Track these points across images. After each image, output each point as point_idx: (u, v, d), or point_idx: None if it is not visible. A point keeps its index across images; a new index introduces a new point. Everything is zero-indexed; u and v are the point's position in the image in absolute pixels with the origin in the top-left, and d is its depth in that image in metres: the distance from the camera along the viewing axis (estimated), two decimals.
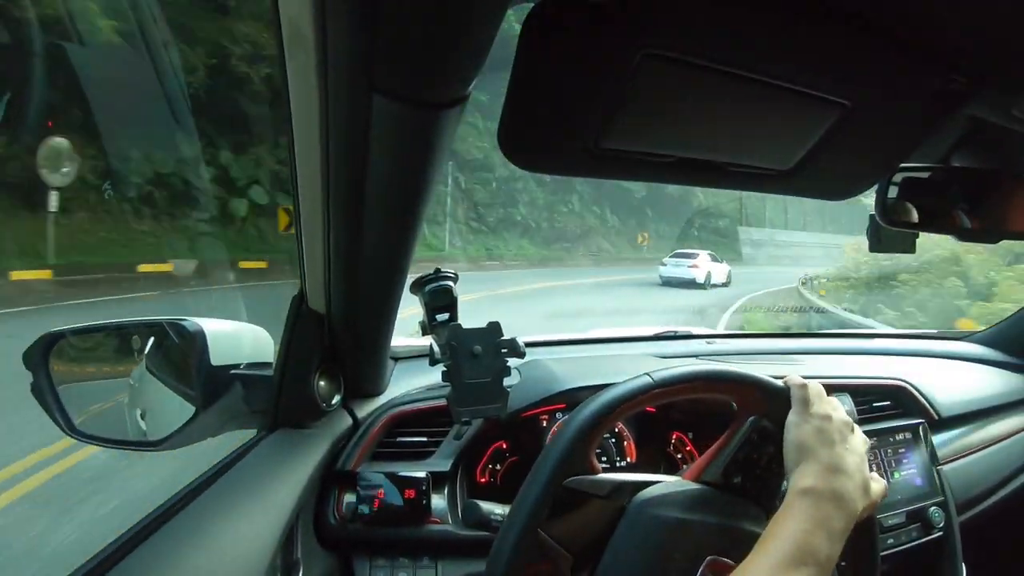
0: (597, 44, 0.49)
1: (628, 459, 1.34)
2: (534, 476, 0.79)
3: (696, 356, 1.64)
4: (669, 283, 17.04)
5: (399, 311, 1.07)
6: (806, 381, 0.85)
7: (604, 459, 1.33)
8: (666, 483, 0.86)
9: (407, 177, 0.76)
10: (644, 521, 0.81)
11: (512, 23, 0.53)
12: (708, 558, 0.77)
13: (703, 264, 17.65)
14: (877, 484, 0.82)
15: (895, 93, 0.60)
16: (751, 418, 0.86)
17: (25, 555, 2.87)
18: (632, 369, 0.87)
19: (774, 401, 0.84)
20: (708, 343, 1.81)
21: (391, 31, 0.53)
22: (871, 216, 1.07)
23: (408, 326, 1.23)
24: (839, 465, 0.77)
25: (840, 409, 0.84)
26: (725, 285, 17.42)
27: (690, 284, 16.74)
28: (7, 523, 3.19)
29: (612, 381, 0.84)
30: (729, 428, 0.88)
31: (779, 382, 0.85)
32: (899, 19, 0.52)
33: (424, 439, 1.24)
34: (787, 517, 0.73)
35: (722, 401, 0.88)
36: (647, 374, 0.83)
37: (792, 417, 0.82)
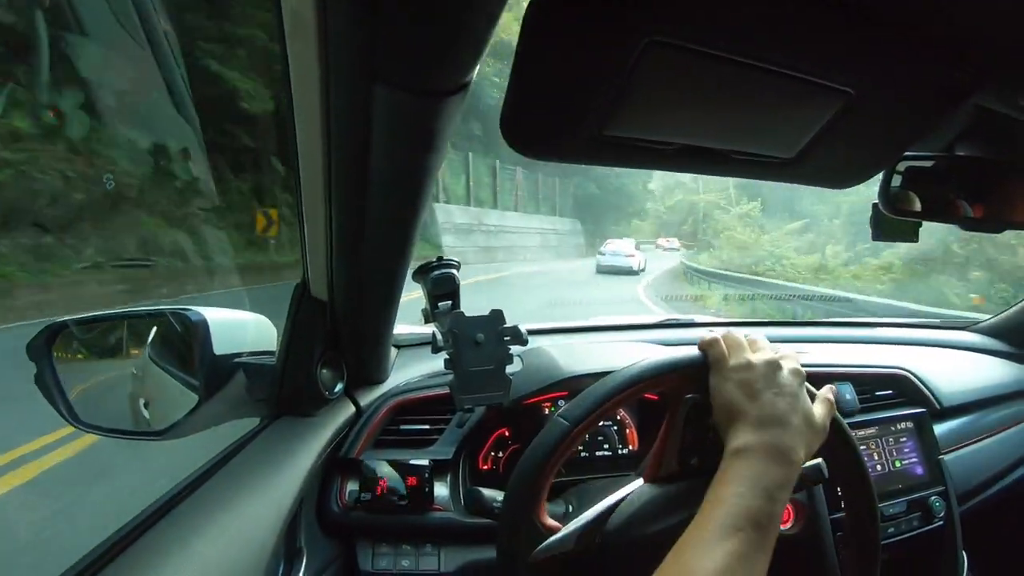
0: (601, 31, 0.49)
1: (630, 447, 1.34)
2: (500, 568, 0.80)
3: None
4: (606, 271, 18.59)
5: (403, 294, 1.07)
6: (717, 335, 0.84)
7: (606, 447, 1.33)
8: (629, 499, 0.86)
9: (409, 165, 0.76)
10: (624, 548, 0.81)
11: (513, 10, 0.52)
12: None
13: (637, 253, 19.77)
14: (820, 408, 0.80)
15: (900, 82, 0.60)
16: (684, 399, 0.85)
17: None
18: (633, 356, 0.87)
19: (695, 373, 0.83)
20: (710, 331, 1.80)
21: (392, 19, 0.53)
22: (874, 205, 1.07)
23: (412, 314, 1.23)
24: (769, 414, 0.74)
25: (764, 350, 0.82)
26: (642, 271, 19.19)
27: (628, 272, 18.60)
28: None
29: (613, 368, 0.84)
30: (666, 418, 0.87)
31: (693, 351, 0.84)
32: (906, 8, 0.51)
33: (427, 427, 1.24)
34: (720, 482, 0.70)
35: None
36: (559, 417, 0.82)
37: (712, 379, 0.80)
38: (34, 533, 2.85)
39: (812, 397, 0.82)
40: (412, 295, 1.11)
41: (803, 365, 0.83)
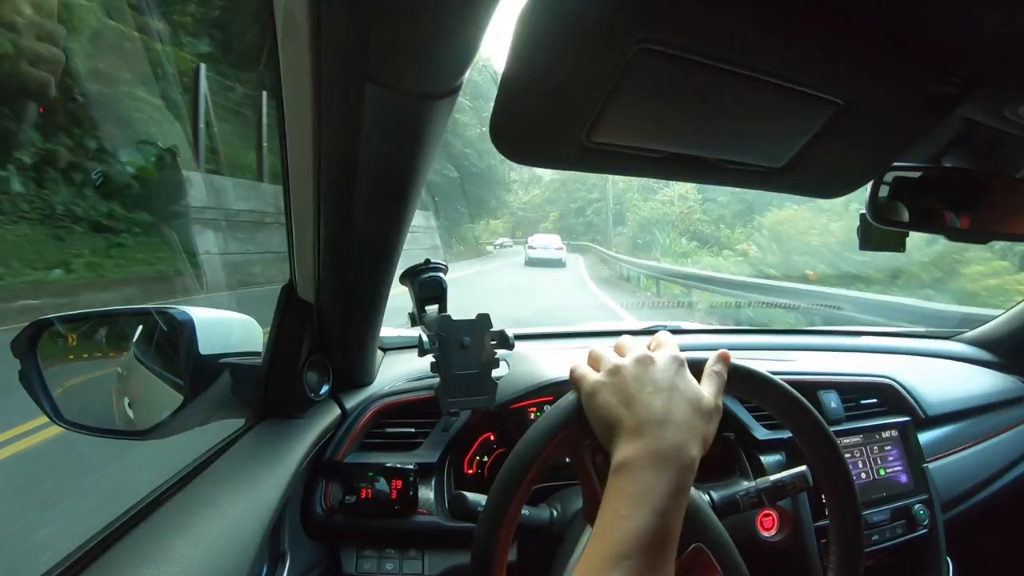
0: (591, 37, 0.49)
1: None
2: None
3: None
4: (536, 264, 19.82)
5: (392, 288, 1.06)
6: (575, 363, 0.78)
7: None
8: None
9: (398, 167, 0.76)
10: None
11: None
12: None
13: (563, 246, 21.40)
14: (708, 387, 0.73)
15: (889, 93, 0.60)
16: (584, 448, 0.79)
17: None
18: None
19: (579, 416, 0.75)
20: (695, 338, 1.81)
21: (385, 21, 0.53)
22: (861, 215, 1.07)
23: (398, 316, 1.23)
24: (646, 418, 0.67)
25: (632, 349, 0.75)
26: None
27: (557, 264, 20.00)
28: None
29: None
30: (579, 472, 0.81)
31: (569, 399, 0.77)
32: (895, 19, 0.52)
33: (412, 430, 1.24)
34: (604, 507, 0.64)
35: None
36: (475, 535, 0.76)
37: (584, 402, 0.73)
38: None
39: (699, 375, 0.75)
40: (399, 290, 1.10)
41: (788, 373, 0.81)
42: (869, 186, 1.02)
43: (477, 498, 0.99)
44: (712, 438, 0.70)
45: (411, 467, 1.15)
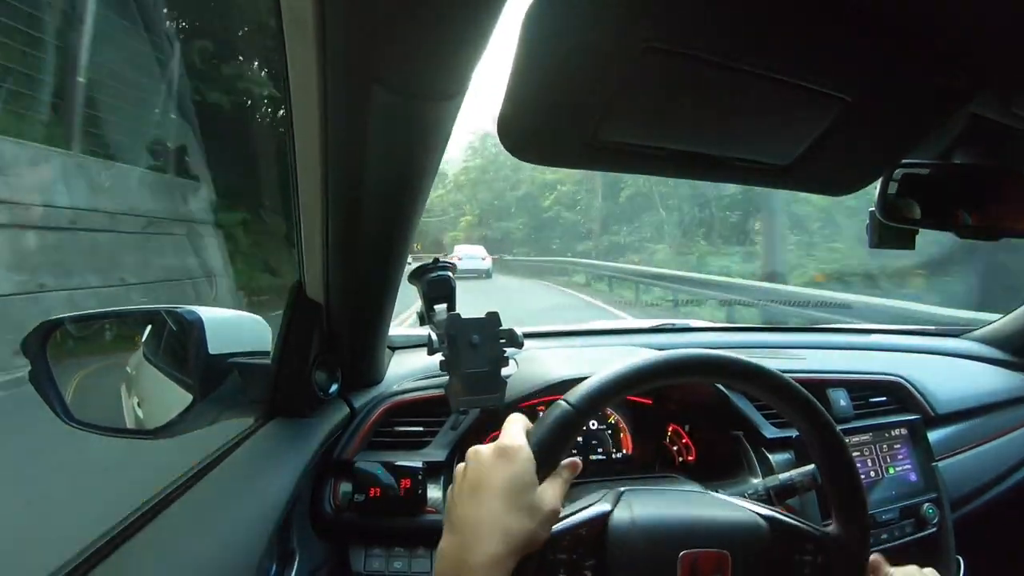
0: (598, 36, 0.49)
1: (624, 451, 1.34)
2: None
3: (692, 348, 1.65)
4: (462, 276, 18.41)
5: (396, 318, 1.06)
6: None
7: (600, 451, 1.33)
8: None
9: (406, 167, 0.76)
10: None
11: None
12: None
13: (488, 257, 20.73)
14: (552, 487, 0.70)
15: (896, 89, 0.60)
16: None
17: None
18: (628, 359, 0.86)
19: None
20: (704, 336, 1.81)
21: (391, 23, 0.53)
22: (871, 212, 1.07)
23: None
24: (451, 526, 0.65)
25: (477, 457, 0.70)
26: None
27: (485, 274, 19.44)
28: None
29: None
30: None
31: None
32: (902, 15, 0.51)
33: (421, 428, 1.24)
34: None
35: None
36: None
37: None
38: None
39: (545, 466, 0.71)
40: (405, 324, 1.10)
41: (797, 371, 0.80)
42: (878, 183, 1.02)
43: None
44: (533, 536, 0.66)
45: (420, 466, 1.15)
